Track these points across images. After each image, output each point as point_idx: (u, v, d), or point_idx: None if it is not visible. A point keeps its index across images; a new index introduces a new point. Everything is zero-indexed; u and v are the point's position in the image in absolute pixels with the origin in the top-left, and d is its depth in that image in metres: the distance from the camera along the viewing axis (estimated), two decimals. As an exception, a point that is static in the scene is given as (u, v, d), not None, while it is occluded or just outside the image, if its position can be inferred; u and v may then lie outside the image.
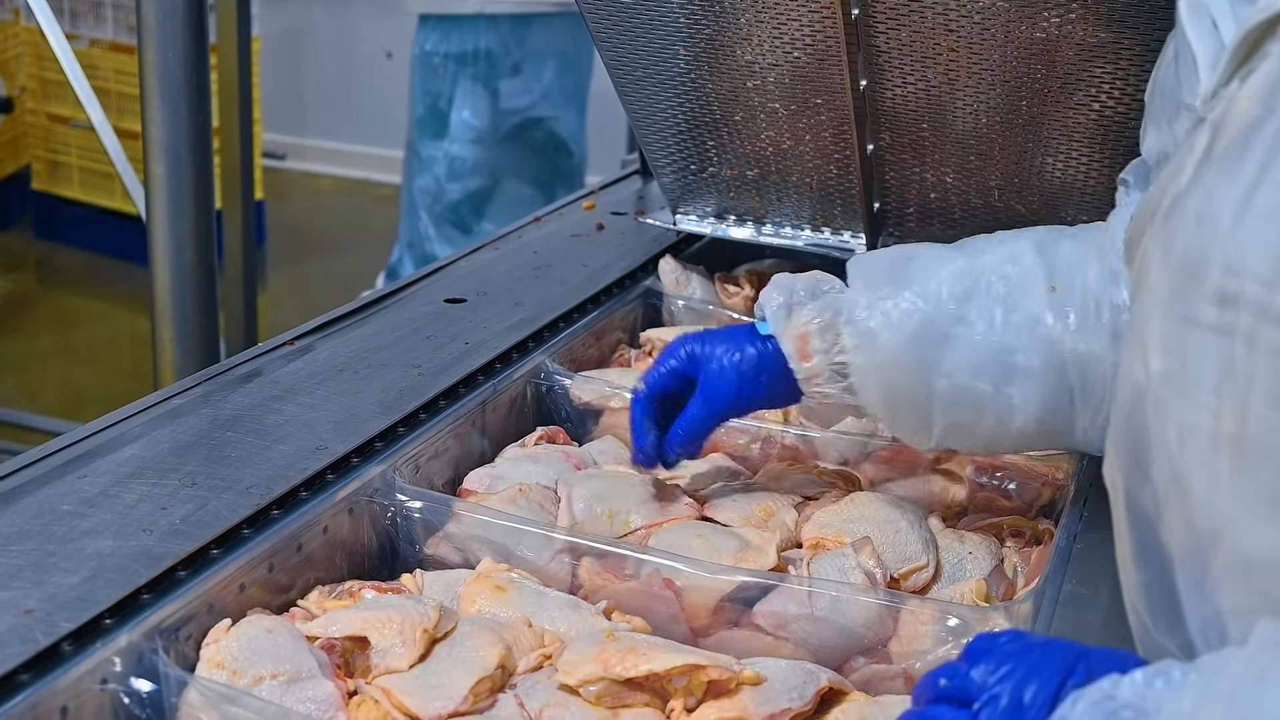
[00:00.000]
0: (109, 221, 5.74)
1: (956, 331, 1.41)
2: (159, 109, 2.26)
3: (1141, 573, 1.03)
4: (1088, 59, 1.71)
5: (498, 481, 1.57)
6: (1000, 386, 1.41)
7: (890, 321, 1.42)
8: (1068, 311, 1.40)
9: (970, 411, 1.43)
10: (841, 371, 1.45)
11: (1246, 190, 0.88)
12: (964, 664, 0.99)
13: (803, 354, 1.46)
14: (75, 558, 1.22)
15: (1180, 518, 0.96)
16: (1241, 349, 0.88)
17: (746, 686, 1.21)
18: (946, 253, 1.48)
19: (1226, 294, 0.89)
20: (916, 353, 1.41)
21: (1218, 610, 0.94)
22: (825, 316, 1.45)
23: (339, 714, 1.16)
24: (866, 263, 1.50)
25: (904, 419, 1.46)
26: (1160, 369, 0.96)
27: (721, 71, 1.94)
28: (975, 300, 1.42)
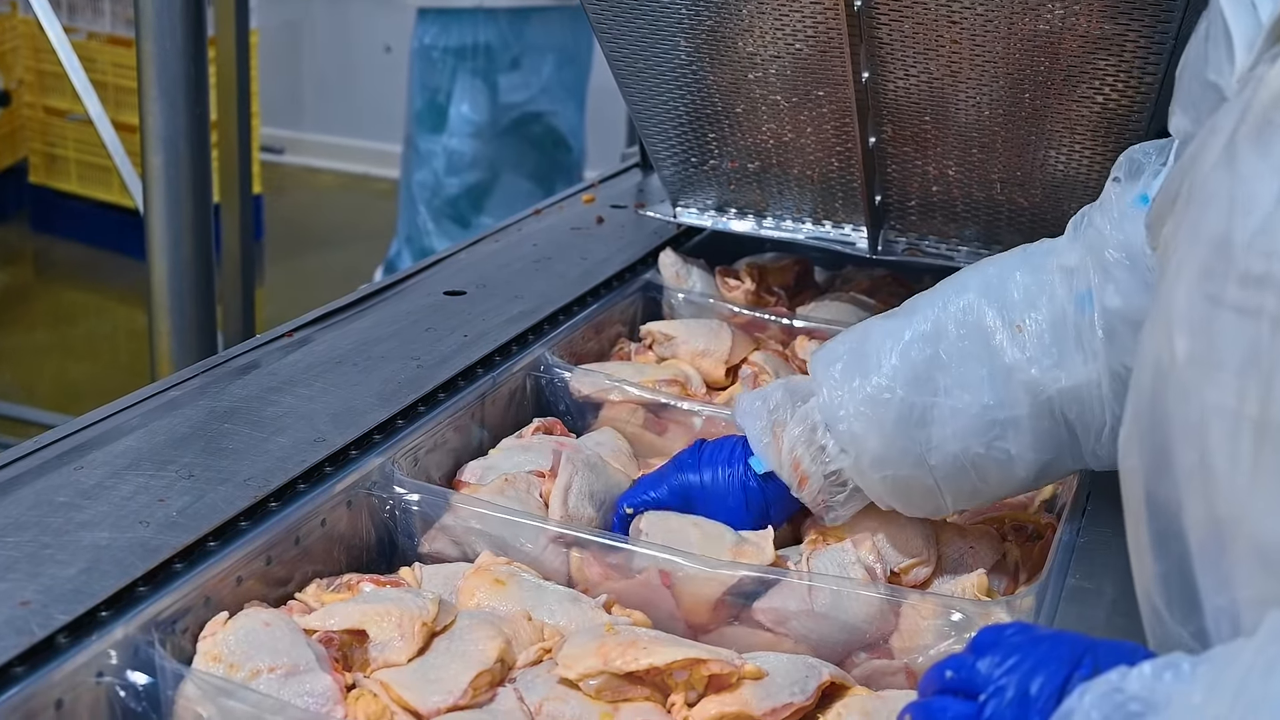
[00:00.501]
0: (106, 215, 5.73)
1: (934, 404, 1.39)
2: (157, 101, 2.25)
3: (1159, 562, 1.01)
4: (1091, 51, 1.70)
5: (490, 472, 1.57)
6: (992, 444, 1.39)
7: (866, 417, 1.40)
8: (1040, 349, 1.38)
9: (971, 475, 1.41)
10: (838, 480, 1.44)
11: (1276, 170, 0.87)
12: (970, 656, 0.98)
13: (800, 480, 1.45)
14: (71, 550, 1.21)
15: (1201, 504, 0.94)
16: (1267, 331, 0.87)
17: (748, 681, 1.21)
18: (897, 324, 1.45)
19: (1253, 275, 0.87)
20: (902, 440, 1.40)
21: (1234, 599, 0.92)
22: (808, 433, 1.44)
23: (337, 707, 1.15)
24: (825, 358, 1.47)
25: (914, 501, 1.44)
26: (1185, 351, 0.95)
27: (723, 63, 1.93)
28: (939, 368, 1.40)
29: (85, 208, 5.84)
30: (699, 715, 1.18)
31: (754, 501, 1.49)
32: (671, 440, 1.74)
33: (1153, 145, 1.41)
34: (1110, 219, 1.39)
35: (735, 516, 1.48)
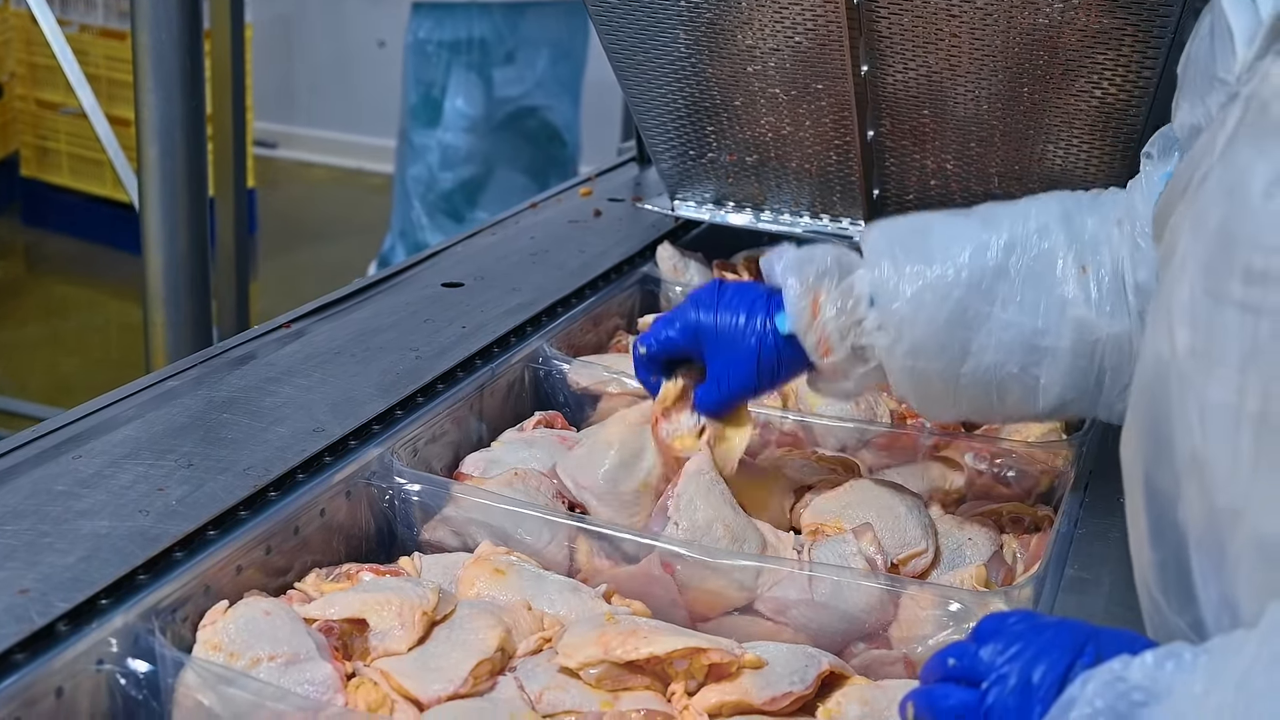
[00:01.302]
0: (98, 209, 5.72)
1: (987, 312, 1.39)
2: (152, 92, 2.25)
3: (1157, 552, 1.02)
4: (1090, 45, 1.70)
5: (493, 466, 1.57)
6: (1028, 368, 1.39)
7: (923, 303, 1.39)
8: (1098, 293, 1.39)
9: (995, 391, 1.41)
10: (863, 355, 1.43)
11: (1276, 166, 0.88)
12: (973, 644, 0.98)
13: (824, 349, 1.43)
14: (70, 538, 1.21)
15: (1199, 497, 0.95)
16: (1268, 326, 0.87)
17: (748, 670, 1.21)
18: (969, 225, 1.44)
19: (1255, 270, 0.88)
20: (947, 336, 1.39)
21: (1232, 590, 0.93)
22: (850, 303, 1.41)
23: (337, 696, 1.15)
24: (884, 235, 1.45)
25: (929, 399, 1.44)
26: (1186, 344, 0.95)
27: (722, 56, 1.93)
28: (1004, 279, 1.39)
29: (77, 201, 5.83)
30: (699, 704, 1.18)
31: (767, 357, 1.45)
32: (669, 433, 1.74)
33: None
34: (1141, 194, 1.40)
35: (742, 367, 1.45)
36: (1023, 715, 0.93)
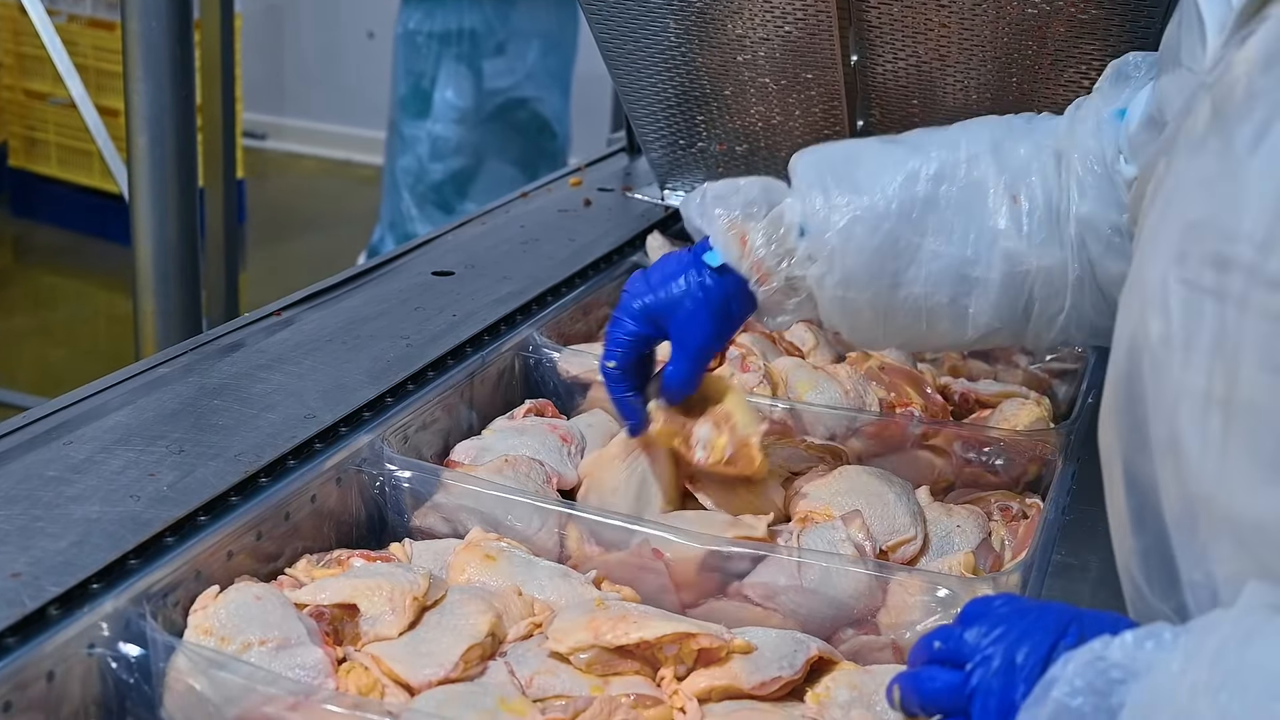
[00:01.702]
0: (87, 199, 5.71)
1: (918, 243, 1.39)
2: (142, 81, 2.25)
3: (1138, 539, 1.03)
4: (1078, 35, 1.71)
5: (484, 453, 1.57)
6: (958, 298, 1.40)
7: (853, 235, 1.39)
8: (1030, 225, 1.39)
9: (925, 320, 1.42)
10: (794, 286, 1.43)
11: (1243, 154, 0.89)
12: (958, 627, 0.99)
13: (762, 278, 1.42)
14: (62, 523, 1.21)
15: (1175, 481, 0.96)
16: (1233, 312, 0.88)
17: (737, 655, 1.22)
18: (898, 152, 1.43)
19: (1220, 256, 0.89)
20: (877, 266, 1.39)
21: (1210, 573, 0.94)
22: (780, 234, 1.41)
23: (328, 680, 1.15)
24: (813, 161, 1.44)
25: (857, 326, 1.44)
26: (1158, 331, 0.96)
27: (712, 45, 1.94)
28: (935, 210, 1.39)
29: (66, 192, 5.81)
30: (688, 688, 1.19)
31: (713, 298, 1.43)
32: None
33: (1143, 57, 1.41)
34: (1088, 127, 1.40)
35: (694, 321, 1.43)
36: (1007, 695, 0.94)
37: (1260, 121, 0.88)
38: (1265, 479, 0.88)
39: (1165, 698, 0.83)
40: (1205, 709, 0.80)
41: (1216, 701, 0.80)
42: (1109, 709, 0.87)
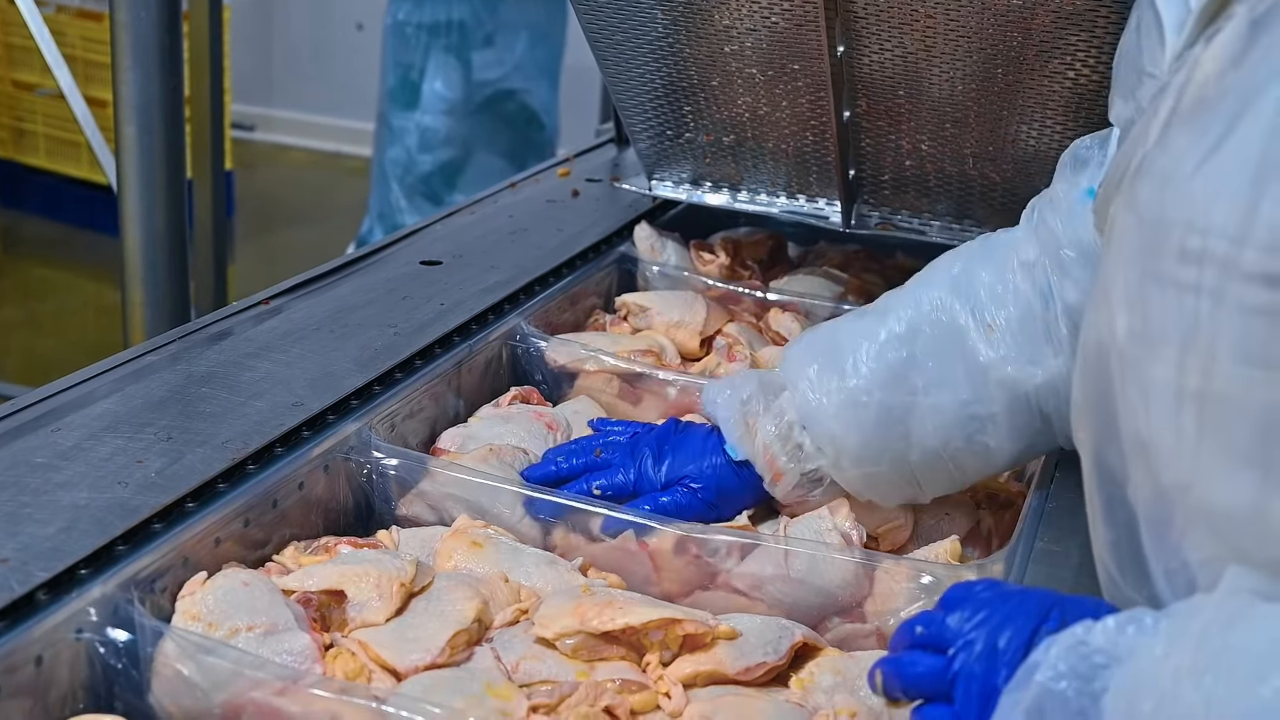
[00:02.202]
0: (75, 190, 5.69)
1: (913, 403, 1.41)
2: (130, 71, 2.24)
3: (1109, 530, 1.04)
4: (1063, 26, 1.72)
5: (470, 441, 1.58)
6: (973, 438, 1.41)
7: (846, 419, 1.42)
8: (1013, 346, 1.40)
9: (951, 468, 1.44)
10: (814, 477, 1.45)
11: (1211, 147, 0.89)
12: (940, 612, 1.00)
13: (775, 476, 1.46)
14: (50, 509, 1.22)
15: (1145, 474, 0.97)
16: (1207, 305, 0.89)
17: (722, 640, 1.22)
18: (869, 324, 1.46)
19: (1191, 251, 0.89)
20: (882, 439, 1.41)
21: (1185, 562, 0.95)
22: (783, 431, 1.45)
23: (315, 665, 1.16)
24: (797, 354, 1.48)
25: (893, 493, 1.46)
26: (1126, 327, 0.97)
27: (699, 36, 1.94)
28: (916, 367, 1.41)
29: (54, 183, 5.79)
30: (674, 674, 1.20)
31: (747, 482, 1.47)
32: (646, 410, 1.75)
33: (1096, 138, 1.45)
34: (1060, 215, 1.42)
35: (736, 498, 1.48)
36: (989, 679, 0.95)
37: (1230, 115, 0.89)
38: (1238, 469, 0.89)
39: (1149, 681, 0.84)
40: (1190, 692, 0.81)
41: (1201, 684, 0.80)
42: (1092, 693, 0.87)
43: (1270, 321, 0.85)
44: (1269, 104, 0.86)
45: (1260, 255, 0.85)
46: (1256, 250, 0.85)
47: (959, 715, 0.96)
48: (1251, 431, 0.87)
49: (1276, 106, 0.85)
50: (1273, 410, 0.86)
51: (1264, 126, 0.86)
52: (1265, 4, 0.91)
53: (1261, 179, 0.85)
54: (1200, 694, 0.80)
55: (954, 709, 0.97)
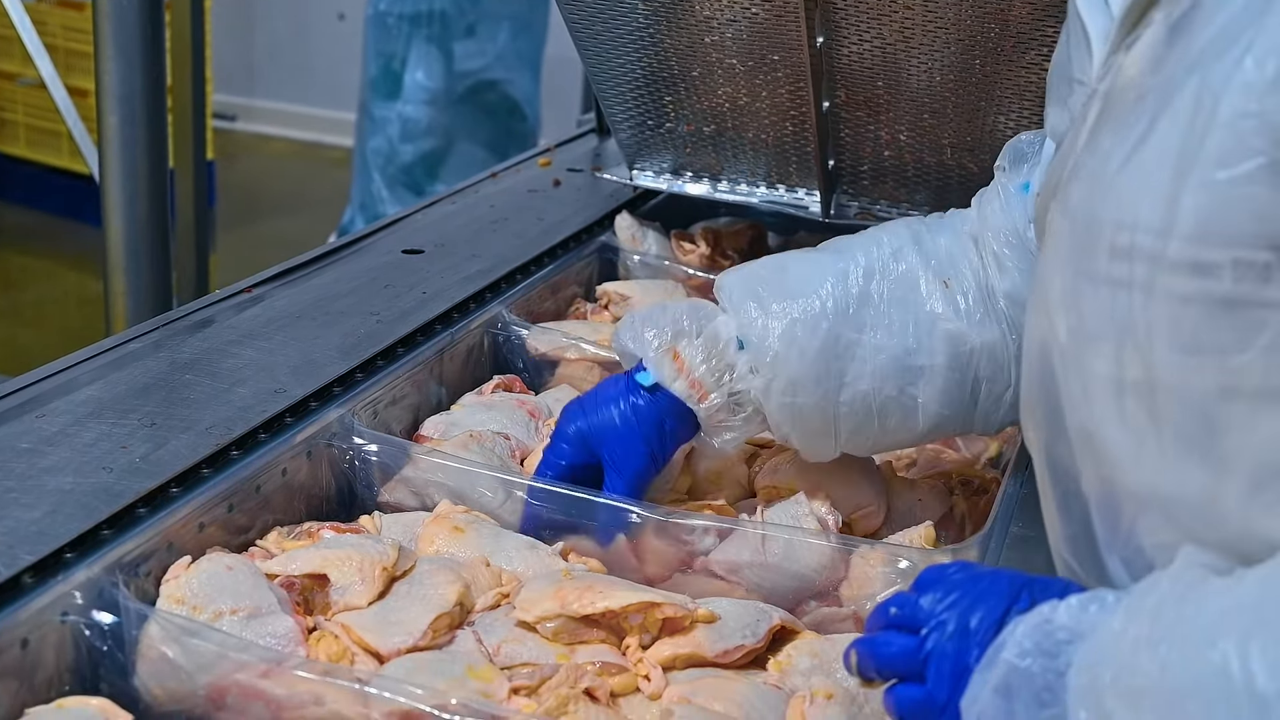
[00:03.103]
0: (56, 180, 5.68)
1: (857, 339, 1.41)
2: (113, 60, 2.24)
3: (1066, 525, 1.07)
4: (1040, 18, 1.74)
5: (453, 428, 1.59)
6: (905, 389, 1.42)
7: (794, 340, 1.40)
8: (965, 304, 1.42)
9: (876, 417, 1.43)
10: (739, 401, 1.43)
11: (1134, 146, 0.92)
12: (913, 593, 1.02)
13: (701, 396, 1.43)
14: (35, 493, 1.23)
15: (1094, 467, 1.00)
16: (1140, 298, 0.91)
17: (701, 624, 1.24)
18: (824, 258, 1.46)
19: (1120, 247, 0.92)
20: (822, 368, 1.40)
21: (1140, 548, 0.98)
22: (716, 349, 1.43)
23: (299, 648, 1.17)
24: (737, 282, 1.46)
25: (808, 435, 1.44)
26: (1064, 326, 1.00)
27: (680, 27, 1.95)
28: (870, 305, 1.42)
29: (35, 172, 5.78)
30: (653, 657, 1.21)
31: (645, 419, 1.44)
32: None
33: (1035, 135, 1.47)
34: (995, 206, 1.46)
35: (628, 444, 1.44)
36: (961, 659, 0.97)
37: (1150, 114, 0.92)
38: (1184, 455, 0.91)
39: (1109, 654, 0.87)
40: (1146, 661, 0.84)
41: (1157, 653, 0.84)
42: (1057, 669, 0.90)
43: (1200, 309, 0.88)
44: (1185, 100, 0.88)
45: (1184, 245, 0.88)
46: (1181, 241, 0.88)
47: (932, 694, 0.98)
48: (1193, 418, 0.90)
49: (1192, 102, 0.88)
50: (1205, 395, 0.89)
51: (1181, 122, 0.88)
52: (1181, 9, 0.93)
53: (1181, 172, 0.88)
54: (1156, 662, 0.83)
55: (927, 688, 0.99)
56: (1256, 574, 0.85)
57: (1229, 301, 0.87)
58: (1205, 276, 0.87)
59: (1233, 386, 0.88)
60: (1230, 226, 0.86)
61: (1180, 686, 0.81)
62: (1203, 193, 0.86)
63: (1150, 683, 0.83)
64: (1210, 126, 0.86)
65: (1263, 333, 0.86)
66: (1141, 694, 0.83)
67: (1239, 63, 0.85)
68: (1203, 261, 0.87)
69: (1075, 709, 0.88)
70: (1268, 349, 0.86)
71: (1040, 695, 0.90)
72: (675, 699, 1.17)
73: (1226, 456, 0.89)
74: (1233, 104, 0.85)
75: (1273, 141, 0.84)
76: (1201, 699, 0.80)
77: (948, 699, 0.97)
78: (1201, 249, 0.87)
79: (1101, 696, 0.86)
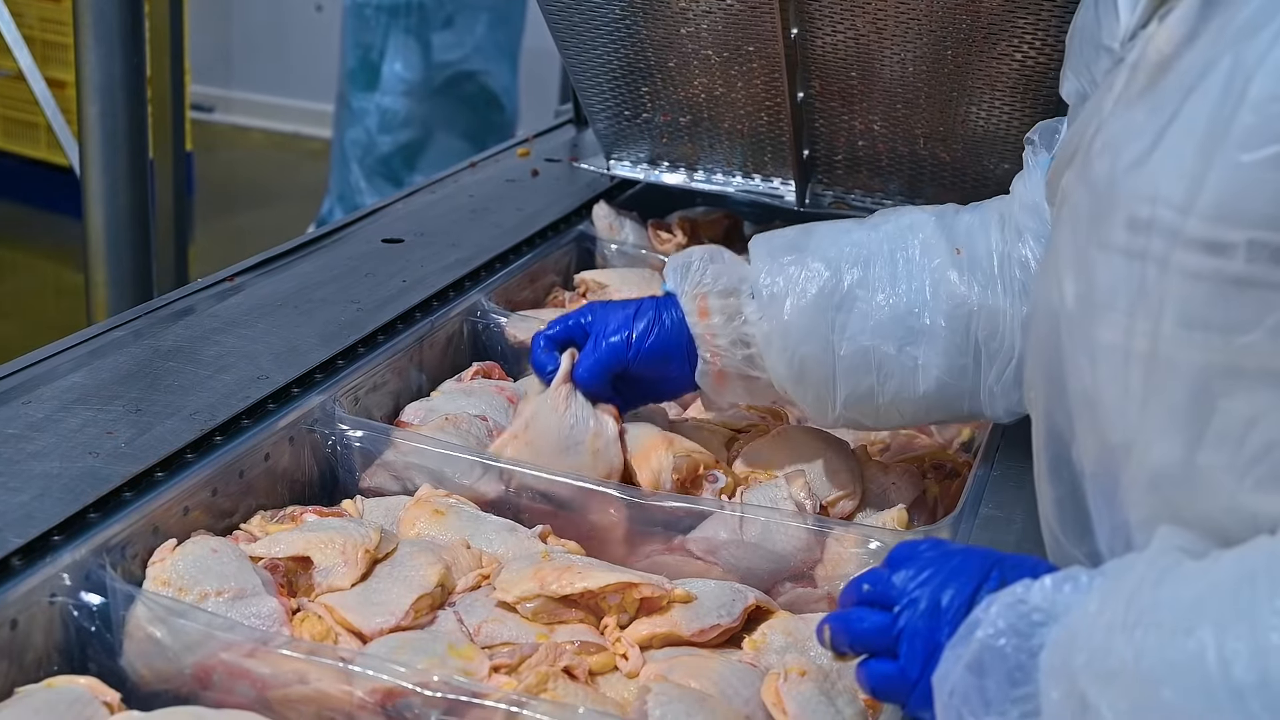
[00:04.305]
0: (33, 171, 5.67)
1: (859, 294, 1.45)
2: (93, 51, 2.25)
3: (1054, 488, 1.08)
4: (1010, 10, 1.76)
5: (433, 414, 1.61)
6: (904, 347, 1.44)
7: (793, 286, 1.45)
8: (973, 270, 1.45)
9: (873, 375, 1.46)
10: (745, 340, 1.48)
11: (1163, 121, 0.93)
12: (886, 570, 1.04)
13: (701, 311, 1.48)
14: (23, 478, 1.25)
15: (1091, 434, 1.01)
16: (1154, 271, 0.92)
17: (677, 604, 1.26)
18: (847, 224, 1.52)
19: (1139, 219, 0.93)
20: (819, 315, 1.44)
21: (1125, 521, 0.99)
22: (726, 282, 1.48)
23: (283, 629, 1.19)
24: (769, 236, 1.53)
25: (808, 386, 1.47)
26: (1074, 293, 1.01)
27: (656, 18, 1.98)
28: (876, 265, 1.46)
29: (11, 164, 5.77)
30: (631, 636, 1.24)
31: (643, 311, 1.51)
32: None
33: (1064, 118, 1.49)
34: (1025, 183, 1.48)
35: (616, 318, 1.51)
36: (932, 636, 0.99)
37: (1182, 91, 0.92)
38: (1172, 427, 0.93)
39: (1083, 636, 0.88)
40: (1121, 645, 0.85)
41: (1132, 637, 0.84)
42: (1030, 649, 0.91)
43: (1211, 286, 0.89)
44: (1218, 78, 0.89)
45: (1204, 223, 0.89)
46: (1199, 218, 0.89)
47: (904, 670, 1.01)
48: (1187, 391, 0.92)
49: (1224, 81, 0.88)
50: (1207, 371, 0.90)
51: (1212, 100, 0.89)
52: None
53: (1208, 151, 0.88)
54: (1131, 646, 0.84)
55: (899, 664, 1.01)
56: (1231, 558, 0.86)
57: (1241, 281, 0.88)
58: (1220, 255, 0.88)
59: (1236, 365, 0.89)
60: (1249, 208, 0.87)
61: (1155, 673, 0.82)
62: (1225, 173, 0.87)
63: (1124, 667, 0.84)
64: (1239, 107, 0.87)
65: (1271, 313, 0.87)
66: (1115, 677, 0.84)
67: (1273, 44, 0.86)
68: (1219, 240, 0.88)
69: (1048, 689, 0.89)
70: (1274, 330, 0.87)
71: (1013, 674, 0.91)
72: (652, 677, 1.19)
73: (1220, 432, 0.91)
74: (1263, 86, 0.86)
75: None
76: (1177, 686, 0.81)
77: (919, 675, 0.99)
78: (1219, 228, 0.88)
79: (1075, 678, 0.87)
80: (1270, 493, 0.89)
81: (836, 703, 1.14)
